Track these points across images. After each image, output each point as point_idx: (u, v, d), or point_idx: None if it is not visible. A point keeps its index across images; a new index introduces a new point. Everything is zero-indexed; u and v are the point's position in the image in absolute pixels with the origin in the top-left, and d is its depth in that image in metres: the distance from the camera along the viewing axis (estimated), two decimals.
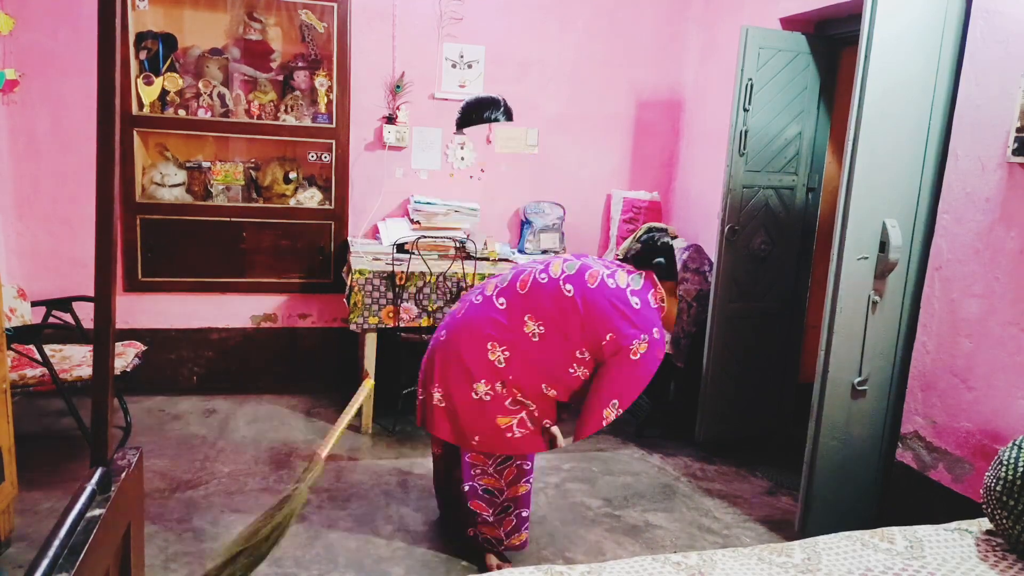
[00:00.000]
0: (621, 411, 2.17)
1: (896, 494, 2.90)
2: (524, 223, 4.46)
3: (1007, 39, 2.50)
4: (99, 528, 1.18)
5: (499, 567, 2.42)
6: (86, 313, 3.58)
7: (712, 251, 3.80)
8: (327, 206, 4.23)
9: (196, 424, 3.74)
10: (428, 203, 4.15)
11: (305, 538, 2.75)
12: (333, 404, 4.11)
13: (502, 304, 2.11)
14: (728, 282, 3.65)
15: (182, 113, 3.97)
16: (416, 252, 3.73)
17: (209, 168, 4.09)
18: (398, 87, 4.18)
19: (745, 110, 3.52)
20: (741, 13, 4.03)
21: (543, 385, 2.12)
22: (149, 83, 3.88)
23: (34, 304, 3.53)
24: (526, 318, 2.07)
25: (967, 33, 2.65)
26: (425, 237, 3.90)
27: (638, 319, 2.10)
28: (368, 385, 2.31)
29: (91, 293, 2.45)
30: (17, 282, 3.65)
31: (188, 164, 4.07)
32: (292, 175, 4.20)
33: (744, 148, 3.56)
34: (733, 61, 3.62)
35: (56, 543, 1.09)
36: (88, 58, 3.73)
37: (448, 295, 3.69)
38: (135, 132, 3.90)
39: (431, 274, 3.65)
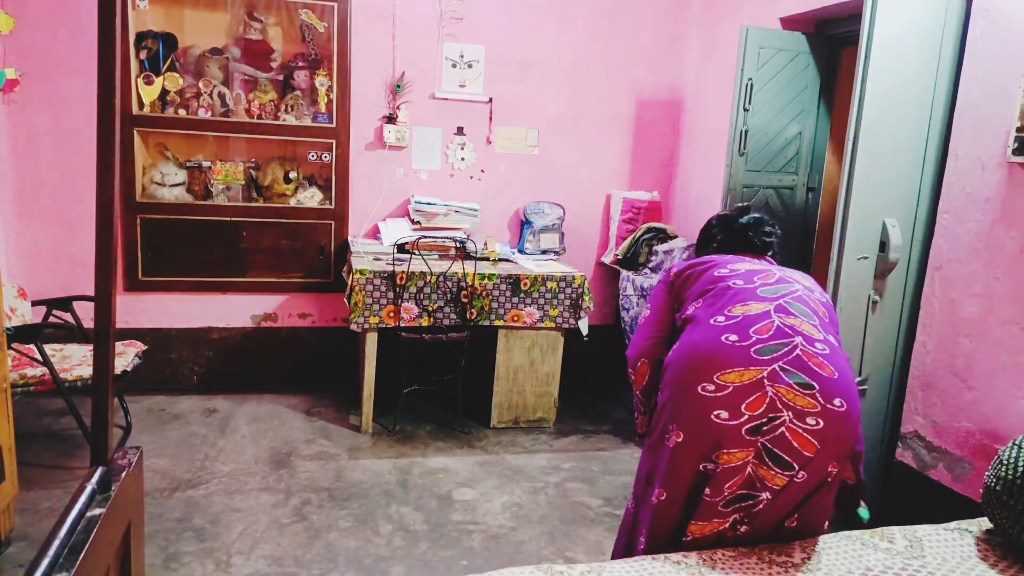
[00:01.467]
0: None
1: (896, 494, 2.90)
2: (524, 223, 4.46)
3: (1007, 39, 2.50)
4: (99, 528, 1.18)
5: None
6: (86, 312, 3.59)
7: None
8: (327, 206, 4.23)
9: (196, 424, 3.74)
10: (428, 203, 4.16)
11: (305, 538, 2.75)
12: (333, 404, 4.11)
13: (836, 343, 1.85)
14: None
15: (182, 113, 3.97)
16: (417, 252, 3.74)
17: (209, 168, 4.09)
18: (398, 87, 4.18)
19: (745, 110, 3.52)
20: (741, 13, 4.03)
21: None
22: (149, 83, 3.88)
23: (34, 304, 3.54)
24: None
25: (967, 33, 2.65)
26: (425, 237, 3.90)
27: None
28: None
29: (91, 293, 2.46)
30: (17, 282, 3.65)
31: (188, 164, 4.07)
32: (292, 175, 4.20)
33: (744, 148, 3.56)
34: (733, 61, 3.62)
35: (56, 543, 1.09)
36: (88, 58, 3.73)
37: (448, 295, 3.69)
38: (135, 132, 3.90)
39: (432, 274, 3.65)
